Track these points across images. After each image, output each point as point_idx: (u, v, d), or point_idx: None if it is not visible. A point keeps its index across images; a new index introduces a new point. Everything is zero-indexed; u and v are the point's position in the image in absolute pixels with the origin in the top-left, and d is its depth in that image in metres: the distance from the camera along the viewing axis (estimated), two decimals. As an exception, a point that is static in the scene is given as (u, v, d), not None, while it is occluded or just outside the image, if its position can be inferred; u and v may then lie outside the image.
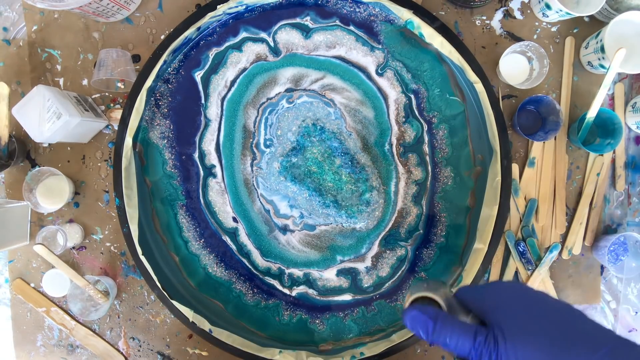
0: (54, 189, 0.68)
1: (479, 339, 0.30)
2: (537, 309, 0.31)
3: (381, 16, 0.65)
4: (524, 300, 0.32)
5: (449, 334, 0.31)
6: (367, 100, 0.66)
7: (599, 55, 0.61)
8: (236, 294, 0.67)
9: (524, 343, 0.29)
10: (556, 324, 0.30)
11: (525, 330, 0.29)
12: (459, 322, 0.32)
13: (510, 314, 0.30)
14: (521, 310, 0.31)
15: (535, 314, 0.30)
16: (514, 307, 0.31)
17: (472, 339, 0.30)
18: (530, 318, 0.30)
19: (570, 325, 0.30)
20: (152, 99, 0.67)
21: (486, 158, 0.64)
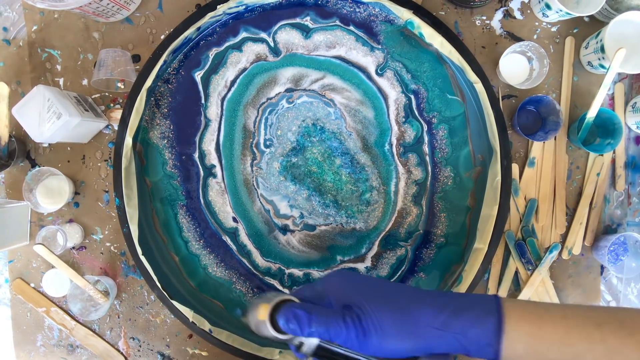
0: (54, 189, 0.68)
1: (347, 319, 0.34)
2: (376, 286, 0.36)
3: (381, 16, 0.65)
4: (357, 282, 0.37)
5: (326, 327, 0.35)
6: (367, 100, 0.66)
7: (599, 55, 0.61)
8: (236, 294, 0.67)
9: (379, 316, 0.34)
10: (401, 293, 0.35)
11: (377, 303, 0.34)
12: (327, 311, 0.36)
13: (356, 295, 0.35)
14: (363, 290, 0.36)
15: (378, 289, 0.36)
16: (357, 289, 0.36)
17: (344, 325, 0.34)
18: (375, 292, 0.35)
19: (415, 294, 0.35)
20: (152, 99, 0.67)
21: (486, 158, 0.64)
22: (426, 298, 0.35)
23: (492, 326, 0.32)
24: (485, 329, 0.33)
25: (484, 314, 0.33)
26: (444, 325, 0.33)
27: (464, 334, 0.33)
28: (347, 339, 0.34)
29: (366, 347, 0.34)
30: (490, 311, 0.33)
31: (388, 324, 0.34)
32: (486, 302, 0.34)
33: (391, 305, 0.34)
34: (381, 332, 0.33)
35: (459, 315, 0.33)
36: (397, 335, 0.33)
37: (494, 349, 0.33)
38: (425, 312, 0.34)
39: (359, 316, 0.34)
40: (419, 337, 0.33)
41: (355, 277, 0.38)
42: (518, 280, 0.67)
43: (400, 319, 0.34)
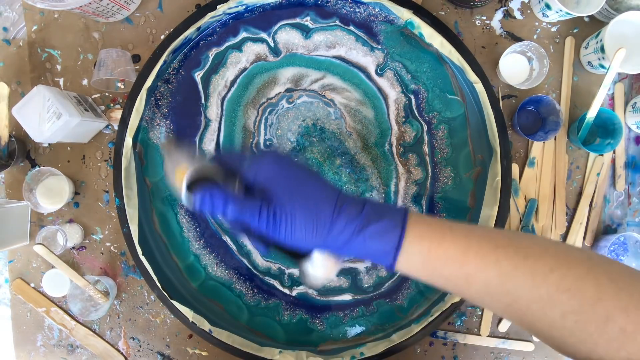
0: (54, 189, 0.68)
1: (262, 213, 0.35)
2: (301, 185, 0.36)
3: (381, 16, 0.65)
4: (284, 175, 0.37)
5: (241, 211, 0.35)
6: (367, 100, 0.66)
7: (599, 55, 0.61)
8: (236, 294, 0.67)
9: (296, 216, 0.35)
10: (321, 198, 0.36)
11: (296, 206, 0.35)
12: (245, 198, 0.36)
13: (280, 190, 0.35)
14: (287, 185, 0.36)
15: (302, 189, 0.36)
16: (281, 184, 0.36)
17: (257, 212, 0.35)
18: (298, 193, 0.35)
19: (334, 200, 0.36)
20: (152, 99, 0.67)
21: (486, 158, 0.64)
22: (343, 205, 0.35)
23: (393, 241, 0.34)
24: (385, 243, 0.34)
25: (388, 228, 0.34)
26: (351, 237, 0.34)
27: (366, 246, 0.35)
28: (258, 227, 0.35)
29: (271, 237, 0.36)
30: (395, 226, 0.34)
31: (299, 228, 0.35)
32: (394, 215, 0.35)
33: (308, 210, 0.35)
34: (290, 235, 0.35)
35: (367, 227, 0.34)
36: (304, 240, 0.35)
37: (389, 261, 0.34)
38: (338, 223, 0.35)
39: (275, 212, 0.35)
40: (326, 244, 0.35)
41: (284, 168, 0.37)
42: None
43: (312, 226, 0.35)
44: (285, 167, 0.37)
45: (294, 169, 0.37)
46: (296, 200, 0.35)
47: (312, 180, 0.36)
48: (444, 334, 0.67)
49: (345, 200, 0.36)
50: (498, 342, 0.67)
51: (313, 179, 0.37)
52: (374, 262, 0.35)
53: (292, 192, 0.35)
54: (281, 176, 0.36)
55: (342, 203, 0.35)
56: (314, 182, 0.36)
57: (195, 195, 0.36)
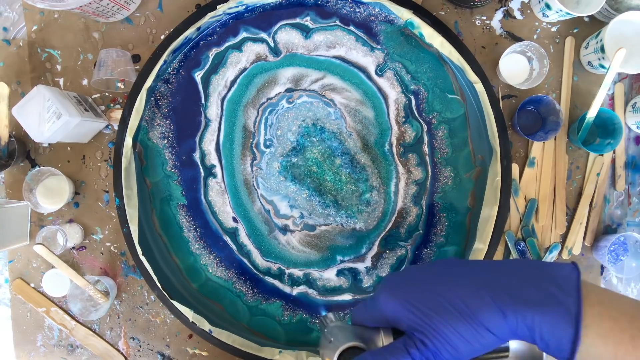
0: (54, 189, 0.68)
1: (412, 352, 0.31)
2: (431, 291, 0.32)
3: (381, 16, 0.65)
4: (406, 298, 0.32)
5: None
6: (367, 100, 0.66)
7: (599, 55, 0.61)
8: (236, 294, 0.67)
9: (444, 329, 0.30)
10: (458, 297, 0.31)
11: (436, 318, 0.31)
12: (389, 350, 0.32)
13: (416, 314, 0.32)
14: (421, 303, 0.32)
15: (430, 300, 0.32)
16: (414, 305, 0.32)
17: (408, 356, 0.31)
18: (432, 303, 0.31)
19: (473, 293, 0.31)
20: (152, 99, 0.67)
21: (486, 158, 0.64)
22: (485, 296, 0.30)
23: (568, 335, 0.28)
24: (559, 336, 0.29)
25: (560, 317, 0.28)
26: (514, 331, 0.30)
27: (535, 337, 0.30)
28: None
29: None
30: (568, 316, 0.28)
31: (456, 340, 0.30)
32: (561, 301, 0.29)
33: (451, 319, 0.30)
34: (453, 350, 0.31)
35: (530, 317, 0.29)
36: (470, 346, 0.31)
37: (565, 356, 0.29)
38: (490, 318, 0.30)
39: (423, 342, 0.31)
40: (492, 341, 0.31)
41: (401, 290, 0.33)
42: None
43: (466, 332, 0.30)
44: (403, 293, 0.33)
45: (415, 290, 0.32)
46: (433, 317, 0.31)
47: (432, 286, 0.32)
48: (444, 334, 0.67)
49: (485, 285, 0.31)
50: (498, 342, 0.67)
51: (431, 284, 0.32)
52: None
53: (425, 313, 0.31)
54: (405, 307, 0.32)
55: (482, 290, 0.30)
56: (434, 286, 0.32)
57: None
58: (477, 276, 0.32)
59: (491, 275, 0.31)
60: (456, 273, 0.33)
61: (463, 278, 0.32)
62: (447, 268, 0.34)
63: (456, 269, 0.33)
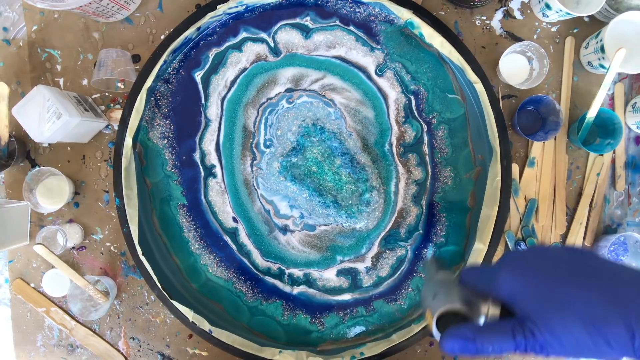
0: (54, 189, 0.68)
1: (518, 339, 0.30)
2: (557, 283, 0.30)
3: (381, 16, 0.65)
4: (532, 282, 0.30)
5: (491, 346, 0.31)
6: (367, 100, 0.66)
7: (599, 55, 0.61)
8: (236, 294, 0.67)
9: (559, 327, 0.28)
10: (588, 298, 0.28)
11: (554, 314, 0.29)
12: (493, 330, 0.31)
13: (534, 302, 0.30)
14: (542, 292, 0.30)
15: (558, 289, 0.29)
16: (534, 292, 0.30)
17: (512, 341, 0.30)
18: (554, 296, 0.29)
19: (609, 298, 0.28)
20: (152, 99, 0.67)
21: (486, 158, 0.64)
22: (616, 309, 0.27)
23: None
24: None
25: None
26: (636, 352, 0.27)
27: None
28: (520, 352, 0.31)
29: (542, 354, 0.30)
30: None
31: (568, 342, 0.28)
32: None
33: (572, 322, 0.28)
34: (561, 350, 0.29)
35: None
36: (579, 352, 0.29)
37: None
38: (616, 334, 0.27)
39: (533, 333, 0.29)
40: (607, 353, 0.28)
41: (526, 273, 0.31)
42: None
43: (583, 339, 0.28)
44: (526, 279, 0.30)
45: (539, 277, 0.30)
46: (551, 314, 0.29)
47: (567, 282, 0.29)
48: (444, 334, 0.67)
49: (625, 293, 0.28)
50: (498, 342, 0.67)
51: (564, 275, 0.30)
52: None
53: (544, 306, 0.29)
54: (524, 292, 0.30)
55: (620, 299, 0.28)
56: (566, 278, 0.29)
57: (443, 339, 0.33)
58: (613, 286, 0.29)
59: (632, 290, 0.28)
60: (589, 271, 0.30)
61: (597, 279, 0.29)
62: (579, 262, 0.31)
63: (590, 265, 0.30)
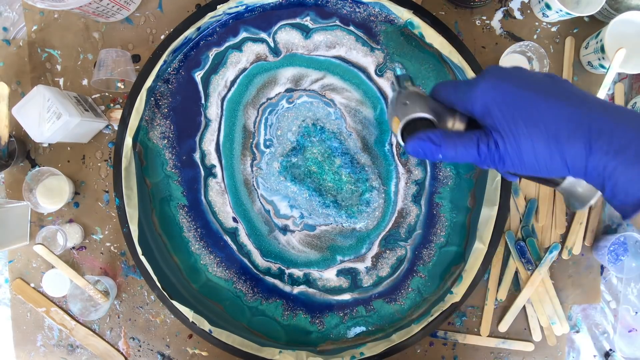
0: (54, 189, 0.68)
1: (481, 147, 0.31)
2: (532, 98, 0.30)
3: (381, 16, 0.65)
4: (507, 95, 0.31)
5: (454, 151, 0.32)
6: (367, 100, 0.66)
7: (599, 55, 0.61)
8: (236, 294, 0.67)
9: (524, 140, 0.30)
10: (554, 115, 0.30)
11: (523, 127, 0.30)
12: (459, 137, 0.32)
13: (507, 114, 0.30)
14: (517, 105, 0.30)
15: (532, 104, 0.30)
16: (509, 104, 0.31)
17: (475, 149, 0.31)
18: (527, 111, 0.30)
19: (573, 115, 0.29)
20: (152, 99, 0.67)
21: (486, 158, 0.64)
22: (581, 128, 0.28)
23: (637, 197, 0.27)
24: (629, 195, 0.28)
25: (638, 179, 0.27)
26: (588, 171, 0.29)
27: (606, 185, 0.29)
28: (482, 162, 0.32)
29: (502, 168, 0.32)
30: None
31: (528, 155, 0.30)
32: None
33: (537, 136, 0.29)
34: (519, 162, 0.30)
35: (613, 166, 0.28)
36: (537, 166, 0.30)
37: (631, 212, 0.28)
38: (574, 153, 0.29)
39: (497, 143, 0.31)
40: (561, 171, 0.30)
41: (506, 85, 0.31)
42: (518, 280, 0.67)
43: (543, 153, 0.29)
44: (505, 89, 0.31)
45: (518, 91, 0.31)
46: (520, 127, 0.30)
47: (542, 99, 0.30)
48: (444, 334, 0.67)
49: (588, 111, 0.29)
50: (498, 342, 0.67)
51: (543, 98, 0.30)
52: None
53: (515, 118, 0.30)
54: (500, 102, 0.31)
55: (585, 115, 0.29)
56: (545, 101, 0.30)
57: (408, 142, 0.33)
58: (582, 105, 0.30)
59: (598, 112, 0.29)
60: (563, 92, 0.31)
61: (568, 100, 0.30)
62: (557, 84, 0.32)
63: (564, 88, 0.31)
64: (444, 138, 0.32)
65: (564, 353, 0.67)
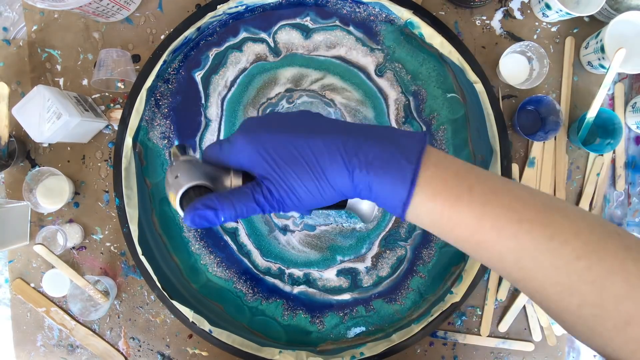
0: (54, 189, 0.68)
1: (257, 197, 0.32)
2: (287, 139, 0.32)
3: (381, 16, 0.65)
4: (261, 142, 0.32)
5: (234, 210, 0.32)
6: (367, 101, 0.66)
7: (599, 55, 0.61)
8: (236, 294, 0.67)
9: (291, 179, 0.31)
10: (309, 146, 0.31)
11: (286, 168, 0.31)
12: (234, 195, 0.33)
13: (269, 160, 0.32)
14: (275, 149, 0.32)
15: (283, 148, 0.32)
16: (267, 151, 0.32)
17: (252, 201, 0.32)
18: (285, 152, 0.32)
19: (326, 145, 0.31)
20: (152, 99, 0.67)
21: (486, 158, 0.64)
22: (336, 153, 0.31)
23: (400, 198, 0.30)
24: (392, 198, 0.31)
25: (395, 183, 0.30)
26: (356, 190, 0.31)
27: (374, 197, 0.32)
28: (266, 212, 0.33)
29: (286, 210, 0.33)
30: (403, 181, 0.30)
31: (301, 191, 0.32)
32: (403, 167, 0.30)
33: (300, 171, 0.31)
34: (296, 200, 0.32)
35: (371, 178, 0.30)
36: (313, 198, 0.32)
37: (397, 214, 0.31)
38: (337, 176, 0.31)
39: (270, 189, 0.32)
40: (336, 196, 0.32)
41: (259, 136, 0.33)
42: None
43: (312, 185, 0.31)
44: (261, 138, 0.32)
45: (273, 136, 0.32)
46: (284, 169, 0.31)
47: (297, 137, 0.32)
48: (444, 334, 0.67)
49: (338, 138, 0.31)
50: (498, 342, 0.67)
51: (297, 135, 0.32)
52: None
53: (277, 162, 0.32)
54: (261, 150, 0.32)
55: (334, 143, 0.31)
56: (300, 138, 0.32)
57: (186, 215, 0.33)
58: (333, 132, 0.32)
59: (348, 134, 0.31)
60: (315, 126, 0.33)
61: (321, 132, 0.32)
62: (308, 119, 0.34)
63: (317, 121, 0.33)
64: (220, 200, 0.32)
65: (564, 353, 0.67)
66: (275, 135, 0.32)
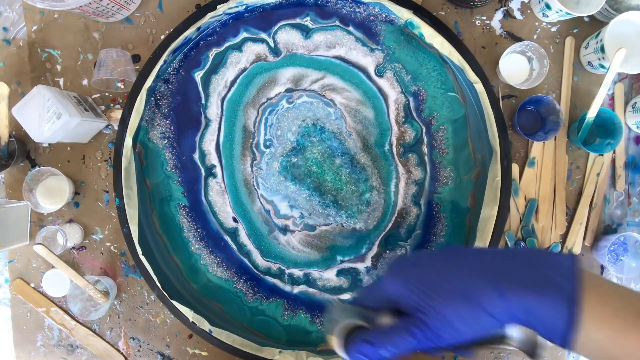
0: (54, 189, 0.68)
1: (412, 331, 0.32)
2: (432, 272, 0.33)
3: (381, 16, 0.65)
4: (410, 279, 0.33)
5: (391, 345, 0.33)
6: (367, 101, 0.66)
7: (599, 55, 0.61)
8: (237, 294, 0.67)
9: (443, 308, 0.31)
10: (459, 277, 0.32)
11: (436, 298, 0.32)
12: (391, 329, 0.33)
13: (418, 294, 0.32)
14: (422, 283, 0.33)
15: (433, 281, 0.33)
16: (415, 286, 0.33)
17: (408, 335, 0.32)
18: (433, 284, 0.32)
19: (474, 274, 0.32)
20: (152, 99, 0.67)
21: (486, 158, 0.64)
22: (485, 279, 0.31)
23: (563, 320, 0.29)
24: (555, 321, 0.29)
25: (555, 303, 0.29)
26: (512, 314, 0.30)
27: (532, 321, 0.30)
28: (423, 346, 0.33)
29: (444, 343, 0.33)
30: (564, 303, 0.28)
31: (456, 321, 0.31)
32: (559, 288, 0.29)
33: (451, 300, 0.31)
34: (453, 331, 0.31)
35: (527, 299, 0.29)
36: (469, 328, 0.31)
37: (560, 334, 0.30)
38: (489, 300, 0.30)
39: (424, 322, 0.32)
40: (491, 323, 0.31)
41: (406, 271, 0.34)
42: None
43: (466, 313, 0.31)
44: (409, 274, 0.33)
45: (419, 270, 0.33)
46: (434, 299, 0.32)
47: (436, 268, 0.33)
48: (444, 334, 0.67)
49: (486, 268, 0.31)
50: (498, 342, 0.67)
51: (435, 265, 0.33)
52: None
53: (427, 293, 0.32)
54: (410, 286, 0.33)
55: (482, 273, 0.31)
56: (438, 267, 0.33)
57: (348, 354, 0.34)
58: (479, 261, 0.33)
59: (493, 261, 0.32)
60: (460, 257, 0.34)
61: (466, 262, 0.33)
62: (452, 252, 0.35)
63: (461, 253, 0.35)
64: (378, 335, 0.33)
65: (564, 353, 0.67)
66: (422, 269, 0.34)
